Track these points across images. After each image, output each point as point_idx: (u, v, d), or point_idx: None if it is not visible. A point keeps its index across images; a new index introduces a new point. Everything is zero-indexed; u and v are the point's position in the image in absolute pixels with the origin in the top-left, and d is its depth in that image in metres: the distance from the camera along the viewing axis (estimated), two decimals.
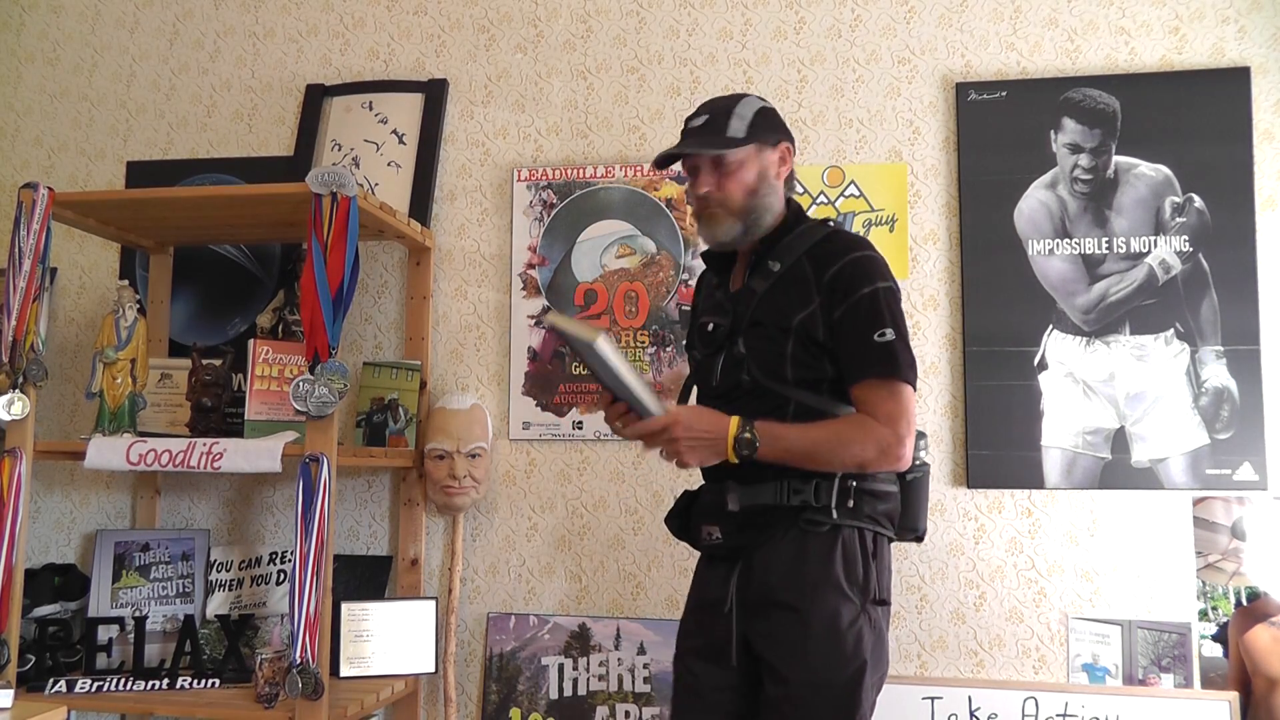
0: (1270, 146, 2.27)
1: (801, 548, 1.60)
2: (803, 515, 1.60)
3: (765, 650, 1.61)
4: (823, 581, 1.59)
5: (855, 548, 1.61)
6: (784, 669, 1.58)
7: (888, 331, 1.58)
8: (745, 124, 1.66)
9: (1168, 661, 2.19)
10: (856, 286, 1.60)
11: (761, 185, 1.67)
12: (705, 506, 1.70)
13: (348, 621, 2.26)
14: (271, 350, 2.21)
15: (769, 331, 1.63)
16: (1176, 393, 2.23)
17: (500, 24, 2.63)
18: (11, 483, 2.06)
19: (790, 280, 1.65)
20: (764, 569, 1.62)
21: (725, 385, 1.69)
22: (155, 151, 2.75)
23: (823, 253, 1.65)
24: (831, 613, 1.58)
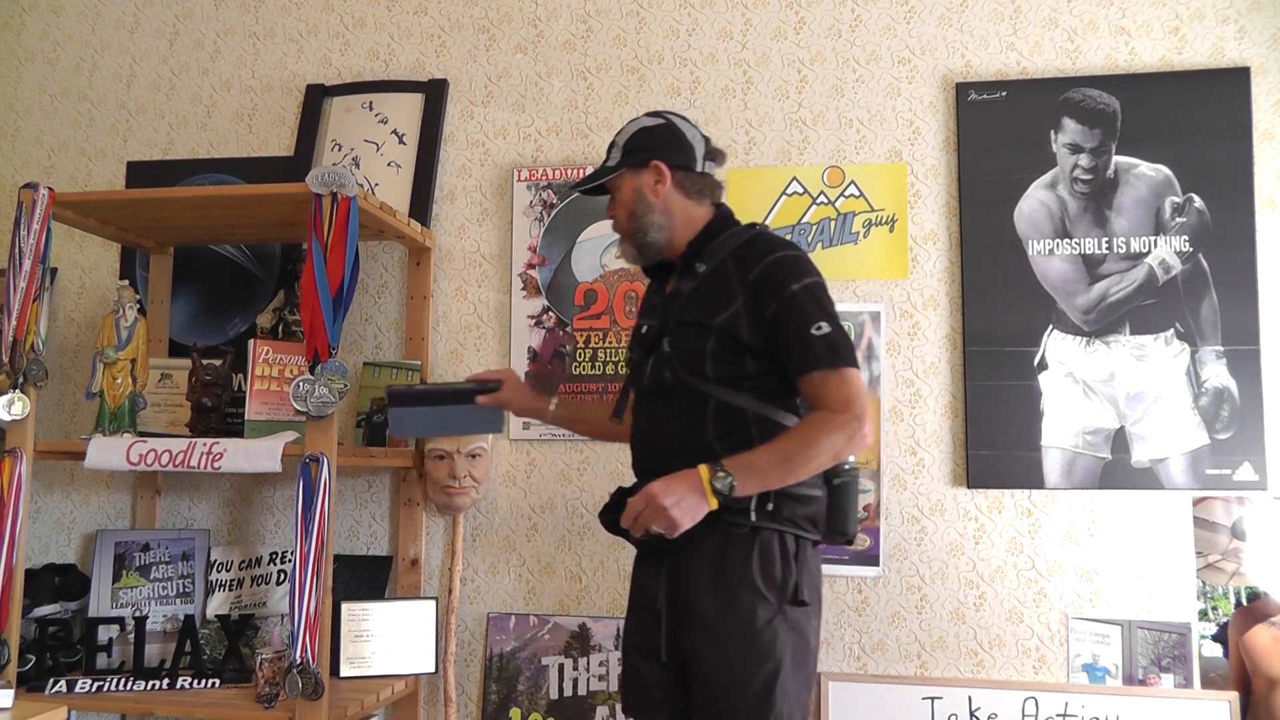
0: (1270, 146, 2.27)
1: (721, 549, 1.65)
2: (723, 518, 1.62)
3: (687, 649, 1.67)
4: (739, 583, 1.63)
5: (774, 550, 1.65)
6: (703, 668, 1.64)
7: (824, 324, 1.64)
8: (620, 151, 1.80)
9: (1168, 661, 2.19)
10: (785, 285, 1.66)
11: (639, 206, 1.77)
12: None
13: (348, 621, 2.26)
14: (271, 350, 2.21)
15: (692, 330, 1.70)
16: (1176, 393, 2.23)
17: (500, 24, 2.63)
18: (11, 483, 2.06)
19: (714, 280, 1.72)
20: (685, 569, 1.67)
21: (652, 384, 1.74)
22: (155, 151, 2.75)
23: (746, 254, 1.72)
24: (747, 613, 1.62)
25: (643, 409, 1.79)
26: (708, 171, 1.80)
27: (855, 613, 2.32)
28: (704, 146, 1.81)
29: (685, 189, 1.77)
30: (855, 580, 2.33)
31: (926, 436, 2.34)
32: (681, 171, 1.77)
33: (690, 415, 1.69)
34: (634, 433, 1.82)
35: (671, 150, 1.77)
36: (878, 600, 2.32)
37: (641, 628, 1.76)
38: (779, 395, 1.70)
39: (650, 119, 1.81)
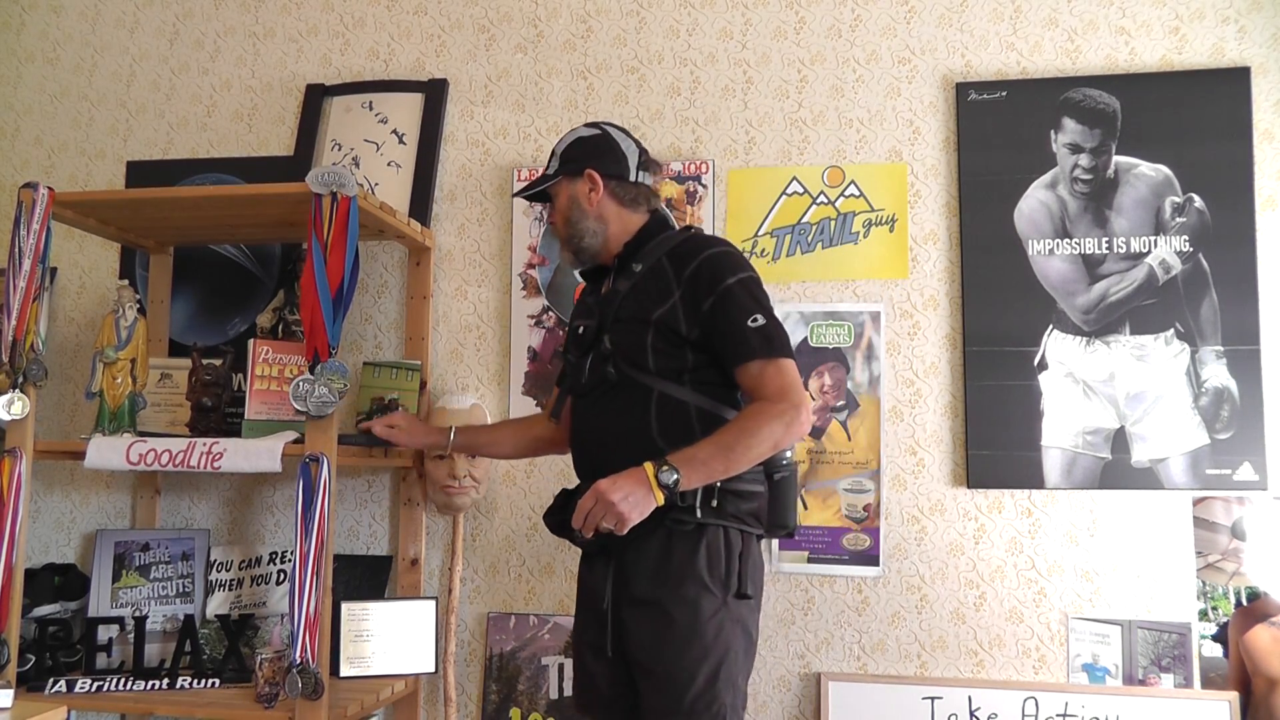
0: (1270, 146, 2.27)
1: (667, 546, 1.68)
2: (669, 515, 1.65)
3: (632, 644, 1.69)
4: (685, 577, 1.66)
5: (720, 545, 1.69)
6: (648, 661, 1.67)
7: (759, 316, 1.69)
8: (558, 160, 1.87)
9: (1168, 661, 2.19)
10: (720, 279, 1.71)
11: (574, 212, 1.84)
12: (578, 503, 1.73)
13: (348, 621, 2.25)
14: (271, 350, 2.21)
15: (631, 326, 1.74)
16: (1176, 393, 2.23)
17: (500, 24, 2.63)
18: (11, 483, 2.06)
19: (651, 278, 1.76)
20: (632, 566, 1.70)
21: (592, 382, 1.77)
22: (155, 151, 2.75)
23: (681, 252, 1.78)
24: (693, 606, 1.65)
25: (583, 409, 1.82)
26: (641, 181, 1.86)
27: (855, 613, 2.32)
28: (638, 157, 1.86)
29: (618, 197, 1.83)
30: (855, 580, 2.33)
31: (926, 436, 2.34)
32: (615, 180, 1.83)
33: (633, 410, 1.72)
34: (575, 434, 1.85)
35: (605, 160, 1.84)
36: (878, 600, 2.32)
37: (588, 626, 1.79)
38: (720, 389, 1.74)
39: (587, 129, 1.88)
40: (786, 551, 2.34)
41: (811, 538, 2.34)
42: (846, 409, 2.36)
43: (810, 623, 2.33)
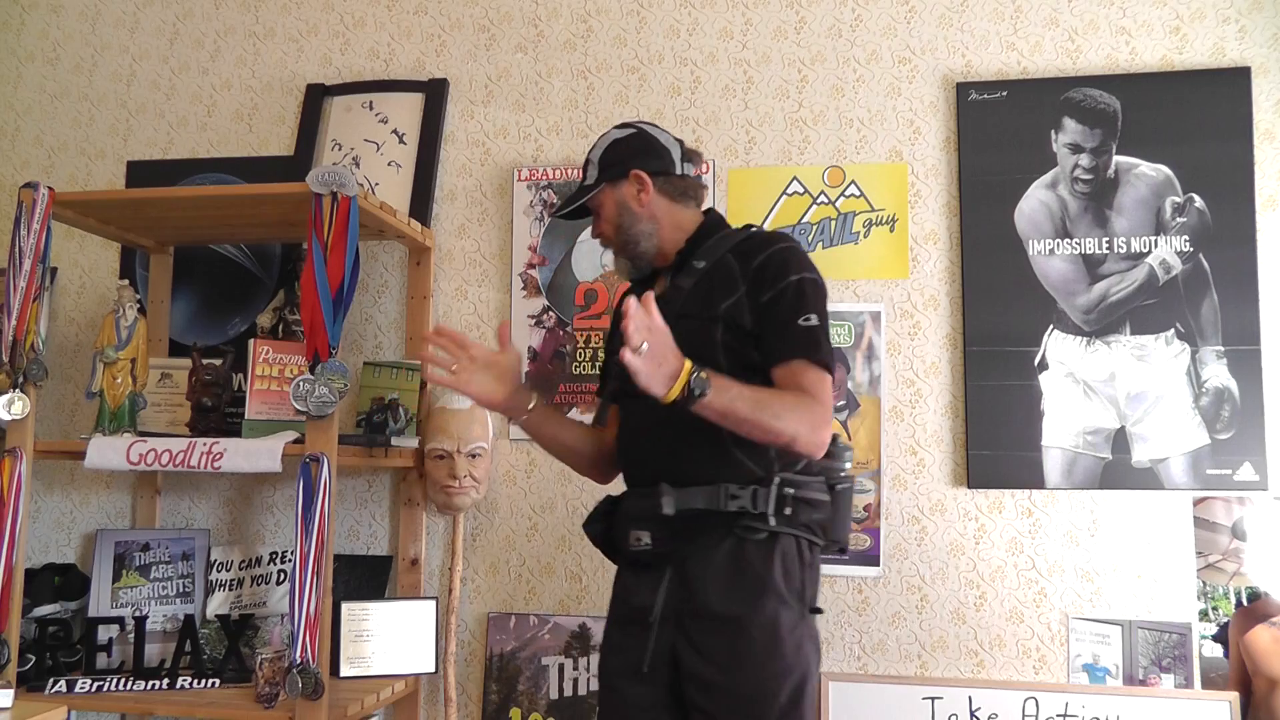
0: (1271, 146, 2.27)
1: (739, 555, 1.58)
2: (739, 521, 1.58)
3: (698, 662, 1.57)
4: (763, 589, 1.57)
5: (794, 555, 1.61)
6: (723, 680, 1.55)
7: (812, 317, 1.61)
8: (596, 168, 1.77)
9: (1168, 662, 2.19)
10: (784, 274, 1.63)
11: (625, 218, 1.75)
12: (633, 511, 1.66)
13: (348, 621, 2.25)
14: (271, 350, 2.21)
15: (698, 322, 1.64)
16: (1177, 393, 2.23)
17: (500, 24, 2.63)
18: (11, 483, 2.06)
19: (716, 274, 1.68)
20: (699, 577, 1.59)
21: None
22: (155, 151, 2.75)
23: (747, 247, 1.70)
24: (771, 621, 1.56)
25: (642, 412, 1.66)
26: (687, 174, 1.78)
27: (855, 613, 2.32)
28: (679, 149, 1.79)
29: (669, 193, 1.75)
30: (855, 580, 2.33)
31: (927, 436, 2.34)
32: (662, 177, 1.75)
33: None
34: (628, 439, 1.75)
35: (648, 158, 1.75)
36: (878, 600, 2.31)
37: (626, 645, 1.66)
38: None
39: (620, 130, 1.80)
40: None
41: None
42: (847, 409, 2.36)
43: None
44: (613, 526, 1.71)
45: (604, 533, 1.72)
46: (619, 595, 1.73)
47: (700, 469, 1.60)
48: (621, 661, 1.67)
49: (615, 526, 1.69)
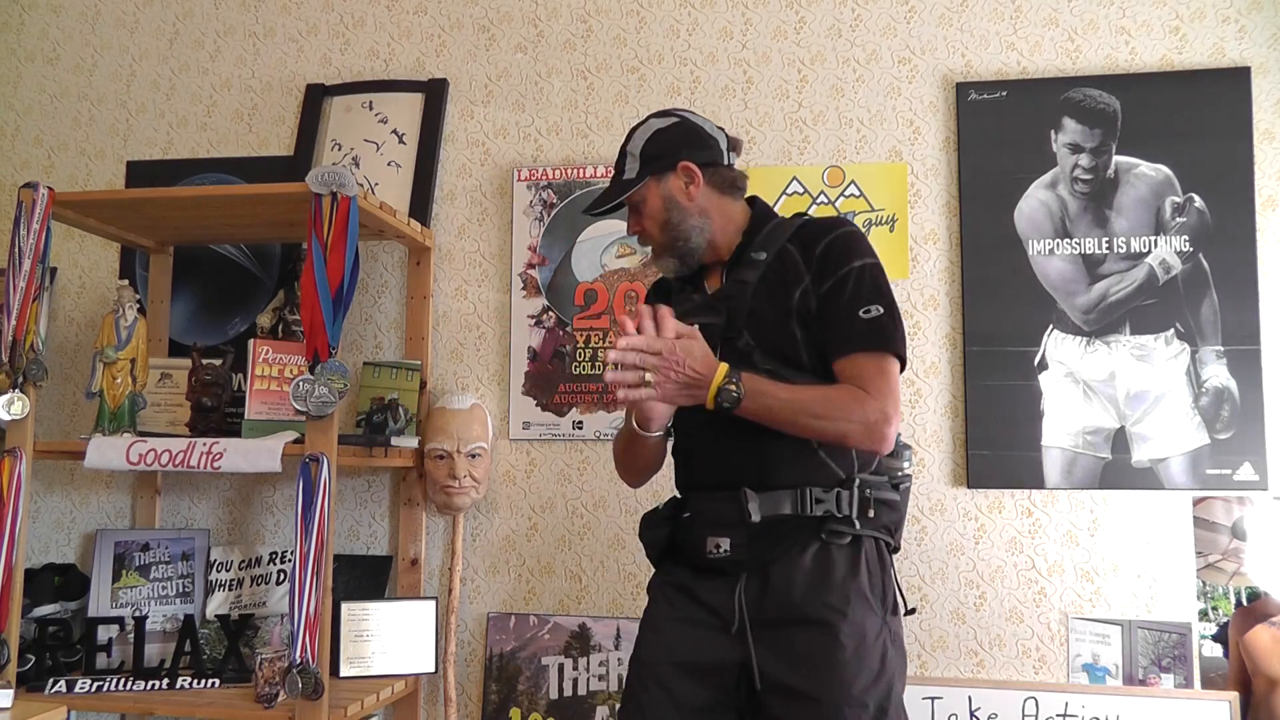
0: (1270, 146, 2.27)
1: (824, 560, 1.54)
2: (825, 526, 1.54)
3: (782, 670, 1.52)
4: (851, 595, 1.53)
5: (876, 558, 1.58)
6: (811, 688, 1.50)
7: (874, 308, 1.54)
8: (636, 161, 1.67)
9: (1168, 661, 2.19)
10: (845, 261, 1.57)
11: (673, 214, 1.65)
12: (711, 516, 1.58)
13: (348, 621, 2.25)
14: (271, 350, 2.21)
15: (771, 316, 1.57)
16: (1177, 393, 2.23)
17: (500, 24, 2.63)
18: (11, 483, 2.06)
19: (780, 265, 1.61)
20: (784, 583, 1.54)
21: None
22: (155, 151, 2.75)
23: (808, 234, 1.63)
24: (860, 627, 1.52)
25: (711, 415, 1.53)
26: (733, 163, 1.70)
27: None
28: (724, 138, 1.70)
29: (719, 186, 1.66)
30: None
31: (926, 436, 2.34)
32: (711, 168, 1.66)
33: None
34: (700, 442, 1.64)
35: (696, 148, 1.65)
36: None
37: (685, 643, 1.59)
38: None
39: (661, 119, 1.69)
40: None
41: None
42: None
43: None
44: (679, 532, 1.63)
45: (667, 538, 1.65)
46: (681, 592, 1.63)
47: (784, 472, 1.55)
48: (678, 657, 1.59)
49: (686, 532, 1.61)
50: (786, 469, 1.55)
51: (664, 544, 1.66)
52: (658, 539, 1.66)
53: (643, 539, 1.70)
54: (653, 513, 1.70)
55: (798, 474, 1.55)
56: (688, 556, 1.63)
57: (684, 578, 1.64)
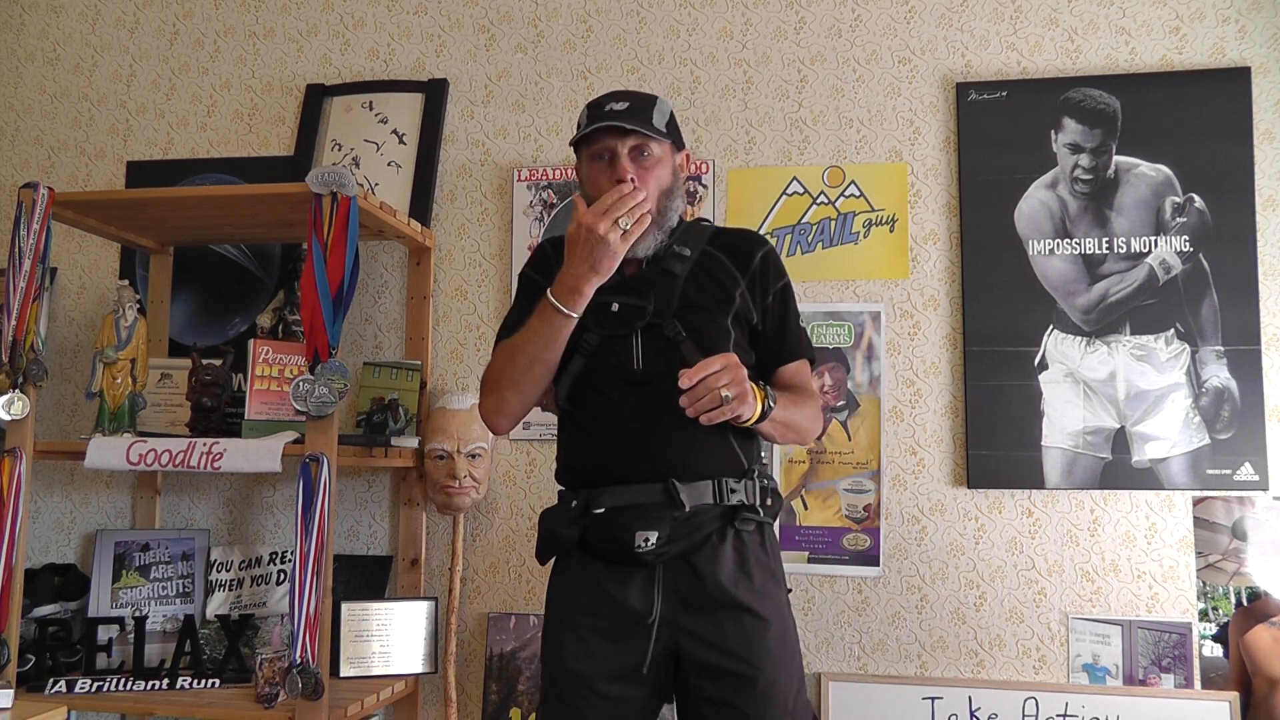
0: (1271, 146, 2.27)
1: (742, 546, 1.60)
2: (739, 514, 1.59)
3: (714, 655, 1.55)
4: (769, 576, 1.62)
5: (775, 543, 1.68)
6: (745, 669, 1.54)
7: (801, 321, 1.74)
8: (665, 120, 1.64)
9: (1168, 662, 2.19)
10: (780, 276, 1.71)
11: (674, 186, 1.65)
12: (639, 510, 1.55)
13: (348, 621, 2.26)
14: (271, 350, 2.21)
15: (709, 314, 1.61)
16: (1177, 393, 2.23)
17: (500, 24, 2.63)
18: (11, 483, 2.06)
19: (708, 264, 1.66)
20: (711, 571, 1.56)
21: (654, 366, 1.58)
22: (155, 151, 2.75)
23: (734, 242, 1.71)
24: (779, 606, 1.61)
25: (634, 399, 1.58)
26: None
27: (855, 613, 2.32)
28: None
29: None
30: (855, 580, 2.33)
31: (926, 436, 2.34)
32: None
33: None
34: (622, 432, 1.60)
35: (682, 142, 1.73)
36: (878, 600, 2.31)
37: (612, 650, 1.58)
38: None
39: (667, 102, 1.69)
40: (787, 552, 2.33)
41: (811, 538, 2.34)
42: (846, 409, 2.36)
43: (810, 623, 2.32)
44: (594, 527, 1.59)
45: (579, 535, 1.61)
46: (594, 592, 1.60)
47: (706, 463, 1.59)
48: (607, 666, 1.58)
49: (603, 527, 1.57)
50: (708, 460, 1.59)
51: (574, 542, 1.62)
52: (569, 536, 1.61)
53: (551, 535, 1.63)
54: (559, 509, 1.65)
55: (716, 465, 1.60)
56: (600, 552, 1.60)
57: (591, 576, 1.61)
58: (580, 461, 1.66)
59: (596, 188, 1.61)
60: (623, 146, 1.60)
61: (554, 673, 1.62)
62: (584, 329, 1.62)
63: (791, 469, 2.36)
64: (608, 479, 1.60)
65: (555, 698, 1.61)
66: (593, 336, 1.62)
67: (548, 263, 1.69)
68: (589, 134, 1.62)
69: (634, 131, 1.60)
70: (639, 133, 1.60)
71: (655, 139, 1.62)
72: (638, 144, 1.61)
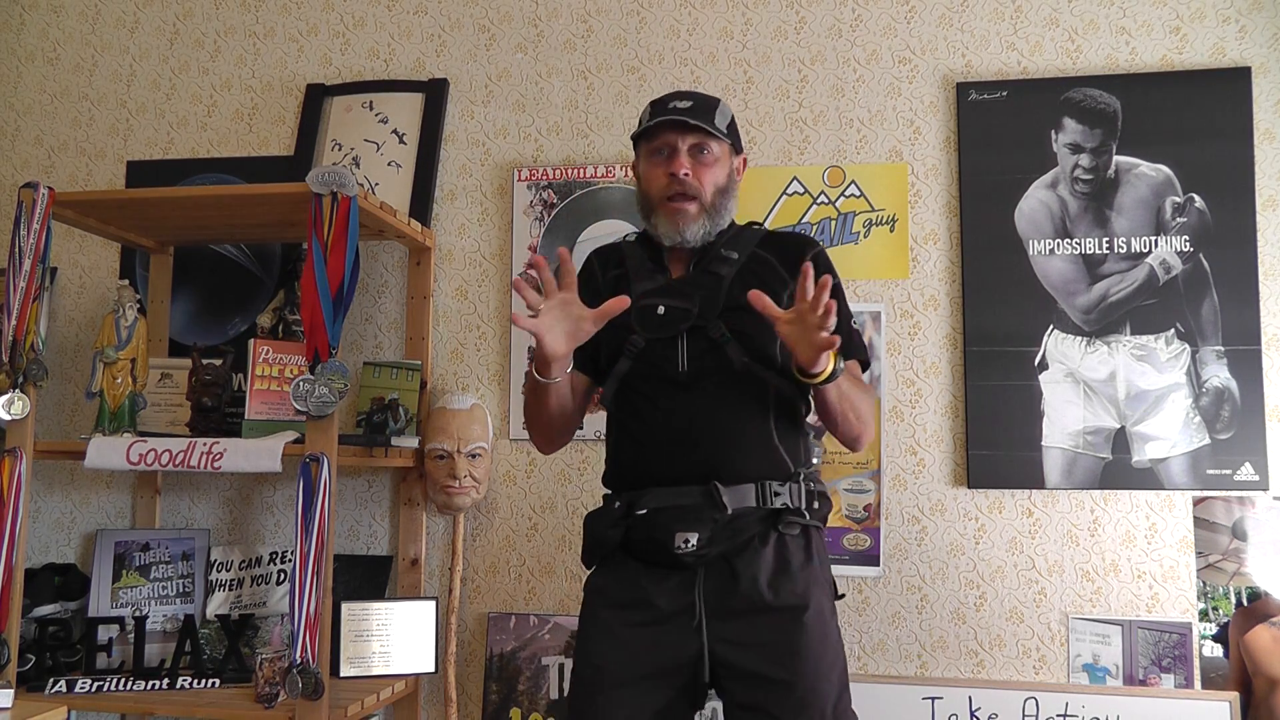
0: (1271, 146, 2.27)
1: (783, 550, 1.58)
2: (782, 518, 1.58)
3: (751, 659, 1.54)
4: (813, 582, 1.58)
5: (823, 547, 1.65)
6: (783, 674, 1.52)
7: (854, 322, 1.72)
8: (726, 122, 1.69)
9: (1168, 662, 2.19)
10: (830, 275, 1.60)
11: (730, 186, 1.69)
12: (680, 511, 1.56)
13: (348, 621, 2.25)
14: (271, 350, 2.21)
15: (755, 316, 1.55)
16: (1177, 393, 2.23)
17: (500, 24, 2.63)
18: (11, 483, 2.06)
19: (756, 267, 1.66)
20: (750, 575, 1.55)
21: (698, 368, 1.60)
22: (155, 151, 2.75)
23: (781, 244, 1.72)
24: (820, 612, 1.57)
25: (681, 399, 1.59)
26: None
27: (855, 613, 2.32)
28: None
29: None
30: (855, 580, 2.33)
31: (927, 436, 2.34)
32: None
33: (750, 406, 1.60)
34: (665, 432, 1.60)
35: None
36: (878, 600, 2.31)
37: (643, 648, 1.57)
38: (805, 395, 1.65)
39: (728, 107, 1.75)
40: None
41: None
42: None
43: None
44: (633, 530, 1.60)
45: (622, 536, 1.61)
46: (629, 591, 1.60)
47: (749, 465, 1.58)
48: (638, 663, 1.57)
49: (644, 529, 1.58)
50: (751, 462, 1.58)
51: (617, 543, 1.62)
52: (613, 538, 1.61)
53: (595, 537, 1.65)
54: (603, 511, 1.65)
55: (759, 467, 1.59)
56: (641, 553, 1.60)
57: (631, 576, 1.61)
58: (625, 463, 1.66)
59: (651, 182, 1.68)
60: (683, 143, 1.65)
61: (582, 670, 1.62)
62: (630, 331, 1.63)
63: None
64: (651, 480, 1.60)
65: (582, 692, 1.60)
66: (639, 339, 1.63)
67: (591, 276, 1.75)
68: (650, 129, 1.66)
69: (696, 129, 1.64)
70: (700, 130, 1.64)
71: (716, 138, 1.66)
72: (698, 141, 1.65)
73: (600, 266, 1.76)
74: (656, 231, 1.69)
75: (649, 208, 1.69)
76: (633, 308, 1.59)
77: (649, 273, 1.70)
